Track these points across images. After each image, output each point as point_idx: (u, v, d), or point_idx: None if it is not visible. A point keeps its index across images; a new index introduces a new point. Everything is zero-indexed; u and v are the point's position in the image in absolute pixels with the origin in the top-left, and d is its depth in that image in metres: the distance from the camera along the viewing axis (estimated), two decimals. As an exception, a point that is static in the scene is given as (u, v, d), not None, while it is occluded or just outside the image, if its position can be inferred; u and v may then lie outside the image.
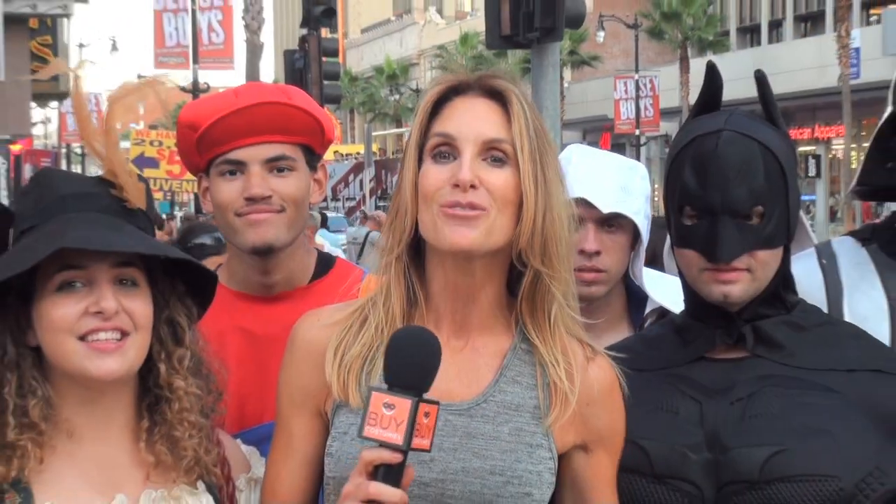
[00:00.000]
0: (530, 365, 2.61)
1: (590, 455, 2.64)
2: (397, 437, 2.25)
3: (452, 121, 2.53)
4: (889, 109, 3.36)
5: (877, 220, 3.62)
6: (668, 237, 2.89)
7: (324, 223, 22.80)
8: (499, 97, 2.55)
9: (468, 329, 2.63)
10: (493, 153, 2.51)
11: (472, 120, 2.52)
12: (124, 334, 2.55)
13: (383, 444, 2.28)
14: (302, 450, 2.68)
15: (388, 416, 2.27)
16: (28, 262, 2.47)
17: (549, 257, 2.54)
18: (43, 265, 2.49)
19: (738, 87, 2.52)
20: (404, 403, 2.26)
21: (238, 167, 3.16)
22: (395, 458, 2.27)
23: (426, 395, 2.30)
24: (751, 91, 2.91)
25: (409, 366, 2.34)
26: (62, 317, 2.51)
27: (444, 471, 2.42)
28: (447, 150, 2.51)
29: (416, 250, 2.62)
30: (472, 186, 2.47)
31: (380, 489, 2.27)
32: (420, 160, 2.59)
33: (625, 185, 3.40)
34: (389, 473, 2.28)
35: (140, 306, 2.57)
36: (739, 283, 2.73)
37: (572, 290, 2.62)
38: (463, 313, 2.61)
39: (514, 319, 2.63)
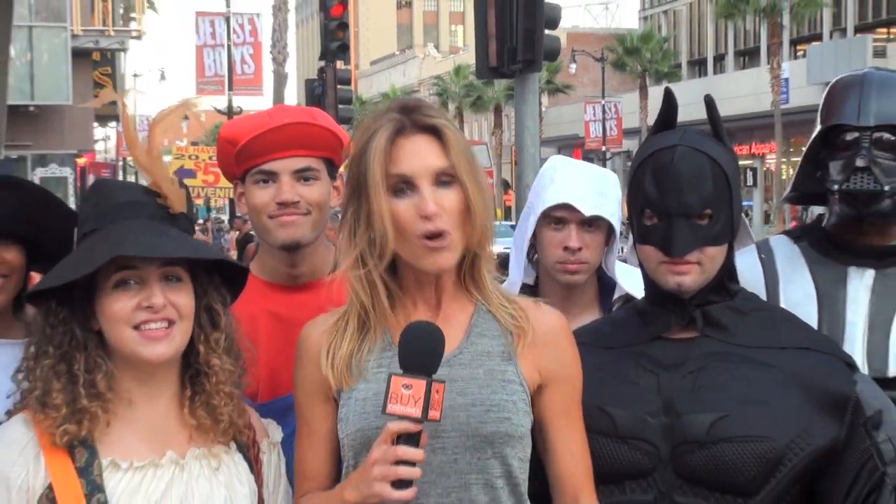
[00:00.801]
0: (493, 321, 2.67)
1: (549, 391, 2.66)
2: (416, 412, 2.34)
3: (404, 162, 2.55)
4: (818, 128, 3.43)
5: (806, 222, 3.62)
6: (632, 235, 2.87)
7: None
8: (433, 131, 2.58)
9: (439, 304, 2.68)
10: (441, 178, 2.56)
11: (419, 157, 2.56)
12: (171, 323, 2.57)
13: (404, 418, 2.35)
14: (321, 431, 2.70)
15: (407, 394, 2.35)
16: (92, 266, 2.51)
17: (484, 243, 2.63)
18: (103, 266, 2.49)
19: (689, 110, 2.51)
20: (420, 384, 2.35)
21: (271, 177, 3.20)
22: (416, 427, 2.36)
23: (435, 376, 2.38)
24: (700, 114, 2.95)
25: (421, 353, 2.41)
26: (119, 310, 2.54)
27: (445, 411, 2.42)
28: (405, 186, 2.55)
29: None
30: (438, 215, 2.53)
31: (406, 451, 2.35)
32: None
33: (602, 191, 3.42)
34: (410, 439, 2.37)
35: (183, 299, 2.59)
36: (691, 274, 2.77)
37: (492, 261, 2.70)
38: (433, 296, 2.67)
39: (467, 291, 2.70)
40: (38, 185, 3.21)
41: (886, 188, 3.23)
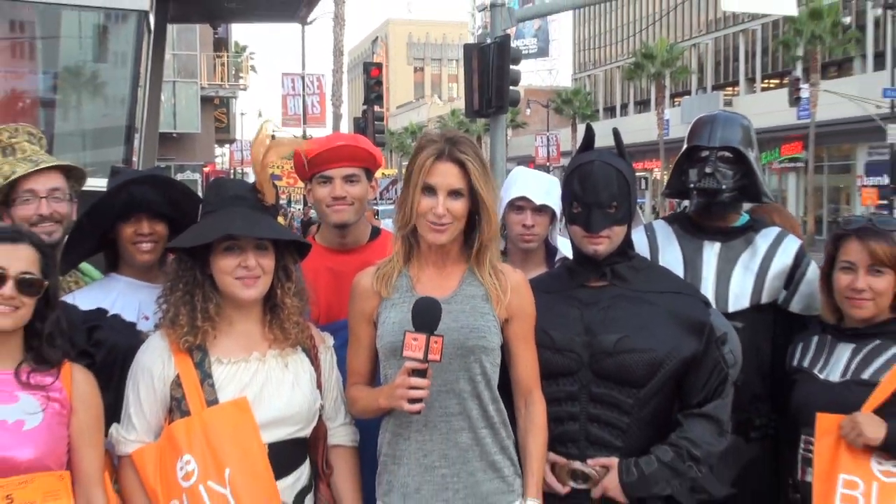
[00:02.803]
0: (478, 277, 2.66)
1: (513, 323, 2.67)
2: (419, 354, 2.41)
3: (435, 177, 2.58)
4: (684, 147, 3.44)
5: (677, 211, 3.63)
6: (565, 219, 2.89)
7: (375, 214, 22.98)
8: (459, 163, 2.59)
9: (443, 265, 2.68)
10: (454, 193, 2.58)
11: (444, 178, 2.58)
12: (258, 277, 2.55)
13: (413, 359, 2.42)
14: (364, 343, 2.71)
15: (415, 344, 2.41)
16: (211, 238, 2.55)
17: (488, 236, 2.64)
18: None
19: (603, 140, 2.53)
20: (422, 338, 2.41)
21: (328, 180, 3.19)
22: (421, 366, 2.43)
23: (435, 332, 2.43)
24: (610, 142, 2.96)
25: (425, 317, 2.44)
26: (225, 266, 2.55)
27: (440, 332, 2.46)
28: (430, 190, 2.58)
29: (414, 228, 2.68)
30: (442, 216, 2.58)
31: (416, 381, 2.43)
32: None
33: (547, 190, 3.39)
34: (418, 373, 2.44)
35: (268, 262, 2.59)
36: (603, 244, 2.76)
37: (497, 246, 2.72)
38: (440, 259, 2.68)
39: (465, 258, 2.68)
40: (179, 181, 3.19)
41: (724, 187, 3.28)
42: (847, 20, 36.37)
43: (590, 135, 2.97)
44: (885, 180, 30.78)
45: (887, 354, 2.84)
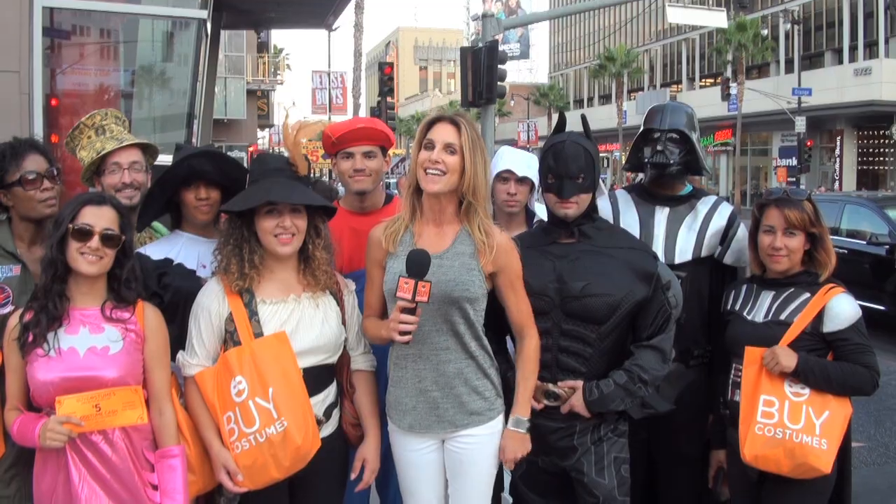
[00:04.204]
0: (469, 236, 2.58)
1: (502, 274, 2.60)
2: (408, 296, 2.37)
3: (433, 133, 2.54)
4: (641, 129, 3.38)
5: (634, 183, 3.59)
6: (541, 188, 2.84)
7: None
8: (454, 123, 2.54)
9: (441, 223, 2.60)
10: (449, 148, 2.51)
11: (440, 134, 2.53)
12: (293, 235, 2.53)
13: (404, 300, 2.38)
14: (376, 283, 2.66)
15: (406, 287, 2.37)
16: (256, 203, 2.52)
17: (475, 195, 2.55)
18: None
19: (572, 126, 2.51)
20: (411, 283, 2.37)
21: (350, 155, 3.10)
22: (410, 305, 2.39)
23: (424, 278, 2.38)
24: (579, 127, 2.90)
25: (415, 265, 2.40)
26: (266, 226, 2.53)
27: (434, 284, 2.40)
28: (429, 145, 2.53)
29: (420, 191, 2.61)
30: (437, 162, 2.50)
31: (405, 317, 2.41)
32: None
33: (528, 164, 3.35)
34: (408, 311, 2.40)
35: (301, 222, 2.56)
36: (571, 209, 2.74)
37: (485, 208, 2.61)
38: (438, 217, 2.60)
39: (459, 220, 2.61)
40: (229, 156, 3.15)
41: (672, 162, 3.23)
42: (765, 32, 36.52)
43: (562, 120, 2.93)
44: (794, 162, 31.29)
45: (799, 300, 2.85)
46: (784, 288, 2.90)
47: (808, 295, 2.84)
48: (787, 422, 2.70)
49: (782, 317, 2.84)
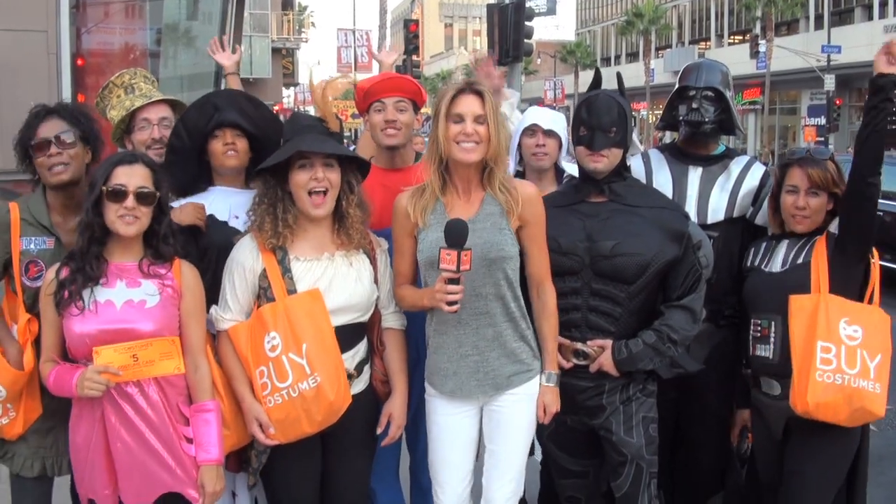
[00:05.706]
0: (494, 198, 2.57)
1: (527, 229, 2.59)
2: (453, 266, 2.36)
3: (460, 106, 2.52)
4: (676, 86, 3.31)
5: (665, 143, 3.54)
6: (572, 141, 2.83)
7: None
8: (478, 94, 2.53)
9: (469, 191, 2.60)
10: (478, 119, 2.51)
11: (469, 106, 2.52)
12: (326, 190, 2.51)
13: (448, 271, 2.37)
14: (407, 252, 2.65)
15: (448, 258, 2.35)
16: (286, 156, 2.50)
17: (497, 161, 2.56)
18: (293, 155, 2.48)
19: (607, 84, 2.48)
20: (454, 253, 2.35)
21: (382, 106, 3.08)
22: (455, 275, 2.39)
23: (464, 247, 2.37)
24: (613, 84, 2.84)
25: (455, 235, 2.38)
26: (299, 180, 2.51)
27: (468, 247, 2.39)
28: (458, 118, 2.51)
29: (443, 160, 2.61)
30: (472, 134, 2.50)
31: (451, 287, 2.40)
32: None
33: (554, 120, 3.32)
34: (453, 281, 2.40)
35: (334, 177, 2.54)
36: (601, 163, 2.71)
37: (505, 171, 2.61)
38: (466, 185, 2.60)
39: (483, 186, 2.60)
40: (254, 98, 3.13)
41: (707, 120, 3.17)
42: (795, -14, 35.63)
43: (598, 77, 2.92)
44: (823, 121, 30.68)
45: (812, 240, 2.84)
46: (799, 237, 2.89)
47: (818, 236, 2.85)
48: (845, 367, 2.63)
49: (799, 261, 2.81)
